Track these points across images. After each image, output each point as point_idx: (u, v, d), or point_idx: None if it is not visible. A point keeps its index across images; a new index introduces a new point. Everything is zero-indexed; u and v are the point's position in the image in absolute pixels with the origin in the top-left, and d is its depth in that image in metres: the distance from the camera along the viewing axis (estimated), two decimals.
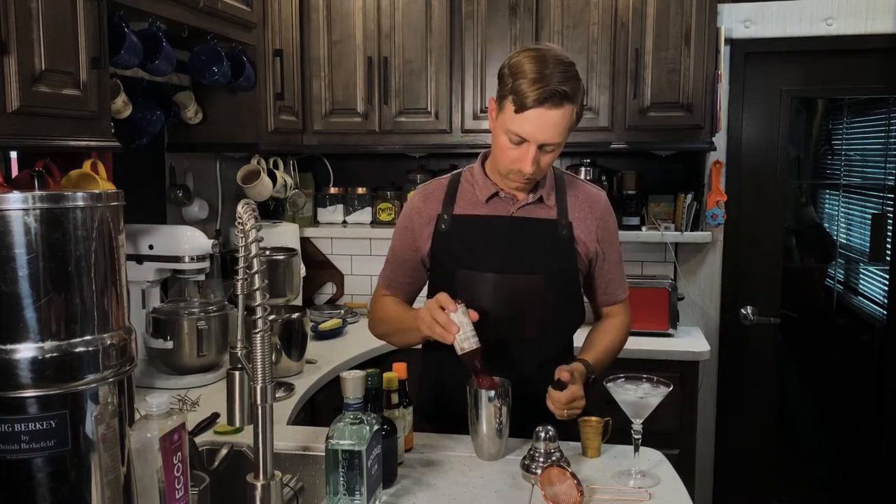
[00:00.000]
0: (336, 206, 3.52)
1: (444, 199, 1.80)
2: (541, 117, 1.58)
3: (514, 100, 1.59)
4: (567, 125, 1.62)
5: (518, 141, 1.62)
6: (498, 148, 1.68)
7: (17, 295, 0.97)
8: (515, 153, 1.64)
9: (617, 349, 1.87)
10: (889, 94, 3.13)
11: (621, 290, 1.88)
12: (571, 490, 1.38)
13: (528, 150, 1.62)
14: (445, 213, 1.78)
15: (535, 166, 1.64)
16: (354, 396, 1.33)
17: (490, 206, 1.77)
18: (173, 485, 1.16)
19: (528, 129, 1.59)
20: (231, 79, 2.57)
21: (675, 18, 2.89)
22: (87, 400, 1.02)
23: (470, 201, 1.79)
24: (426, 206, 1.81)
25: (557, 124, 1.59)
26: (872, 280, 3.26)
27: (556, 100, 1.56)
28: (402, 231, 1.85)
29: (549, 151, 1.64)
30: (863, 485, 3.30)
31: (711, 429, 3.30)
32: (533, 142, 1.61)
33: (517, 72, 1.59)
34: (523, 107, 1.57)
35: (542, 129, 1.59)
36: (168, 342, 2.22)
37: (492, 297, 1.72)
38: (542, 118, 1.58)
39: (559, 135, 1.61)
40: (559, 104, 1.57)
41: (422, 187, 1.87)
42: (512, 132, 1.62)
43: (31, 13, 1.60)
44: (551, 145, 1.63)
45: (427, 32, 3.07)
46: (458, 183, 1.82)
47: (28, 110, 1.61)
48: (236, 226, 1.24)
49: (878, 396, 3.21)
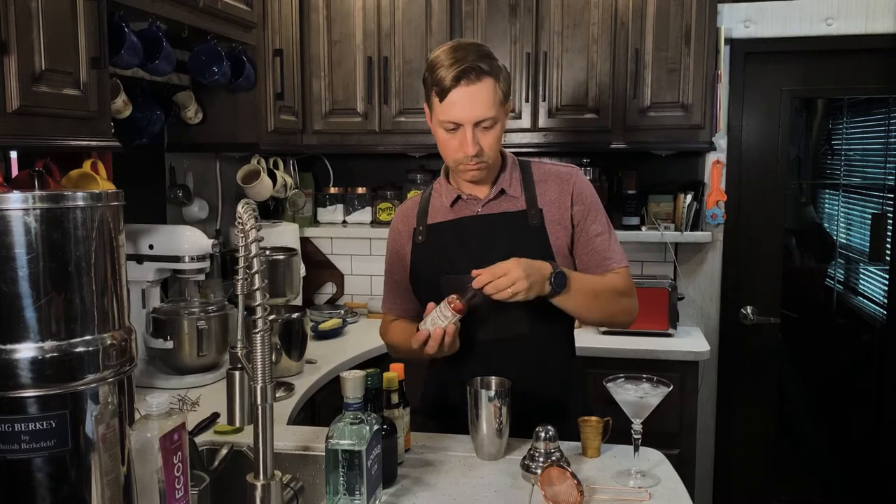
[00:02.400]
0: (336, 206, 3.52)
1: (418, 214, 1.85)
2: (464, 96, 1.62)
3: (436, 91, 1.65)
4: (493, 99, 1.64)
5: (453, 128, 1.66)
6: (441, 146, 1.73)
7: (17, 295, 0.97)
8: (455, 141, 1.68)
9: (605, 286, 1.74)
10: (889, 94, 3.13)
11: (612, 261, 1.78)
12: (571, 490, 1.38)
13: (464, 132, 1.65)
14: (420, 224, 1.83)
15: (478, 146, 1.66)
16: (354, 396, 1.33)
17: (456, 210, 1.80)
18: (173, 485, 1.16)
19: (456, 111, 1.64)
20: (231, 79, 2.57)
21: (675, 18, 2.89)
22: (87, 400, 1.02)
23: (439, 210, 1.83)
24: (404, 225, 1.86)
25: (482, 98, 1.63)
26: (872, 280, 3.27)
27: (473, 76, 1.62)
28: (390, 255, 1.89)
29: (486, 128, 1.66)
30: (863, 485, 3.30)
31: (711, 429, 3.30)
32: (466, 122, 1.64)
33: (433, 65, 1.66)
34: (444, 91, 1.63)
35: (469, 107, 1.63)
36: (168, 342, 2.22)
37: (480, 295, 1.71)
38: (465, 96, 1.62)
39: (487, 108, 1.64)
40: (477, 79, 1.62)
41: (399, 208, 1.93)
42: (444, 121, 1.66)
43: (31, 13, 1.60)
44: (486, 121, 1.65)
45: (427, 32, 3.07)
46: (429, 196, 1.87)
47: (28, 110, 1.61)
48: (236, 226, 1.24)
49: (878, 396, 3.21)
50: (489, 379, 1.65)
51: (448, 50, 1.66)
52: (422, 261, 1.82)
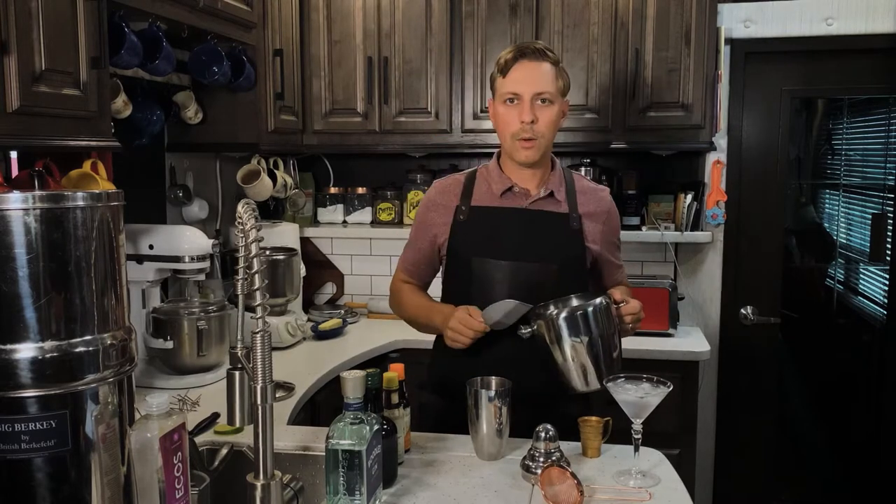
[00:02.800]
0: (336, 206, 3.52)
1: (462, 193, 1.90)
2: (525, 69, 1.77)
3: (500, 71, 1.81)
4: (552, 79, 1.79)
5: (512, 99, 1.79)
6: (500, 123, 1.83)
7: (17, 295, 0.97)
8: (513, 112, 1.79)
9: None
10: (889, 94, 3.13)
11: (622, 275, 2.04)
12: (571, 490, 1.38)
13: (523, 103, 1.77)
14: (463, 204, 1.88)
15: (534, 117, 1.77)
16: (354, 396, 1.33)
17: (505, 200, 1.88)
18: (173, 485, 1.16)
19: (516, 84, 1.77)
20: (231, 79, 2.57)
21: (675, 18, 2.89)
22: (87, 400, 1.02)
23: (486, 195, 1.89)
24: (442, 199, 1.92)
25: (541, 74, 1.77)
26: (872, 280, 3.27)
27: (535, 55, 1.77)
28: (419, 224, 1.96)
29: (543, 104, 1.78)
30: (862, 485, 3.30)
31: (711, 429, 3.30)
32: (525, 94, 1.77)
33: (499, 57, 1.83)
34: (507, 68, 1.79)
35: (529, 80, 1.77)
36: (168, 342, 2.22)
37: (507, 284, 1.80)
38: (525, 70, 1.77)
39: (548, 84, 1.78)
40: (539, 59, 1.78)
41: (438, 182, 1.99)
42: (504, 94, 1.79)
43: (31, 13, 1.60)
44: (544, 94, 1.77)
45: (427, 32, 3.07)
46: (474, 178, 1.93)
47: (28, 110, 1.61)
48: (236, 226, 1.24)
49: (878, 396, 3.21)
50: (489, 379, 1.65)
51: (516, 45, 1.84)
52: (459, 238, 1.87)
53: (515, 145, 1.81)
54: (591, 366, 1.67)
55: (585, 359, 1.66)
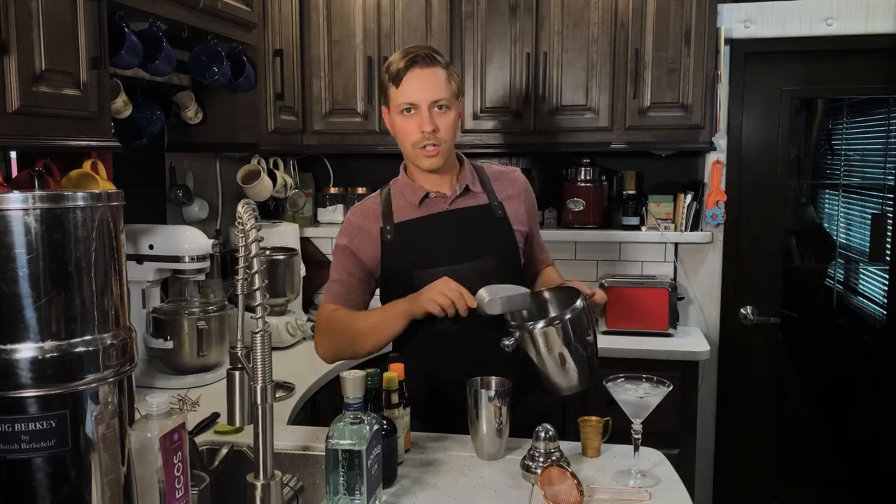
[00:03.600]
0: (336, 206, 3.52)
1: (382, 213, 1.86)
2: (417, 78, 1.74)
3: (390, 79, 1.77)
4: (446, 85, 1.76)
5: (408, 109, 1.75)
6: (399, 133, 1.80)
7: (17, 295, 0.97)
8: (412, 123, 1.76)
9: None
10: (889, 94, 3.13)
11: (546, 255, 2.06)
12: (571, 490, 1.38)
13: (421, 112, 1.74)
14: (387, 224, 1.84)
15: (433, 125, 1.74)
16: (354, 396, 1.33)
17: (425, 208, 1.85)
18: (173, 485, 1.16)
19: (411, 94, 1.74)
20: (231, 79, 2.57)
21: (675, 18, 2.90)
22: (87, 400, 1.02)
23: (405, 208, 1.86)
24: (365, 223, 1.86)
25: (434, 81, 1.74)
26: (872, 280, 3.27)
27: (424, 62, 1.74)
28: (345, 253, 1.87)
29: (442, 111, 1.76)
30: (862, 485, 3.30)
31: (711, 429, 3.30)
32: (421, 102, 1.74)
33: (387, 66, 1.79)
34: (399, 76, 1.74)
35: (423, 88, 1.74)
36: (168, 342, 2.22)
37: None
38: (418, 79, 1.73)
39: (441, 90, 1.75)
40: (428, 65, 1.74)
41: (355, 208, 1.93)
42: (400, 105, 1.76)
43: (31, 13, 1.60)
44: (440, 101, 1.75)
45: (427, 32, 3.07)
46: (389, 196, 1.90)
47: (28, 110, 1.61)
48: (236, 226, 1.24)
49: (877, 396, 3.21)
50: (489, 379, 1.65)
51: (399, 51, 1.80)
52: (392, 257, 1.83)
53: (418, 153, 1.78)
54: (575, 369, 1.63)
55: (571, 363, 1.63)
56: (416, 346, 1.88)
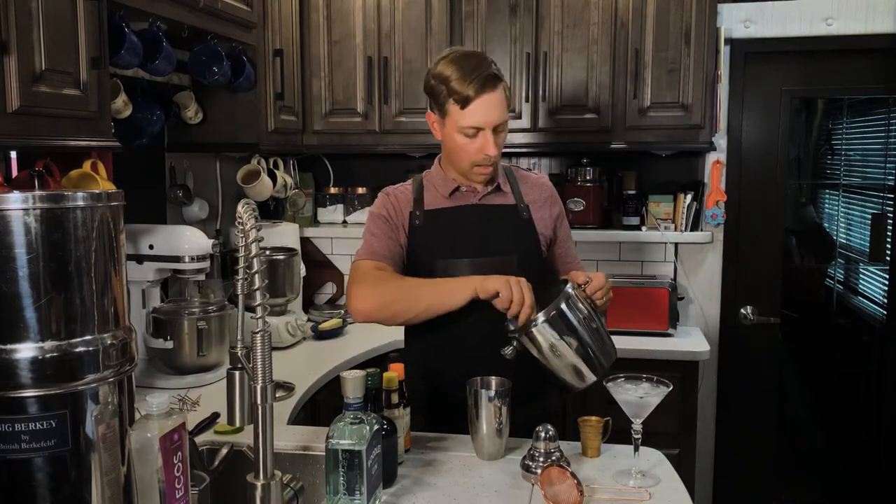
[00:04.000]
0: (336, 206, 3.52)
1: (414, 199, 1.89)
2: (486, 103, 1.73)
3: (455, 100, 1.73)
4: (506, 104, 1.78)
5: (473, 133, 1.75)
6: (456, 149, 1.80)
7: (17, 295, 0.97)
8: (475, 145, 1.77)
9: None
10: (889, 94, 3.13)
11: (578, 261, 2.03)
12: (571, 490, 1.38)
13: (485, 135, 1.76)
14: (416, 209, 1.87)
15: (496, 148, 1.78)
16: (354, 396, 1.33)
17: (454, 199, 1.88)
18: (173, 485, 1.16)
19: (479, 117, 1.74)
20: (231, 79, 2.57)
21: (675, 18, 2.89)
22: (87, 400, 1.02)
23: (435, 198, 1.88)
24: (398, 202, 1.88)
25: (500, 103, 1.75)
26: (872, 280, 3.27)
27: (492, 83, 1.73)
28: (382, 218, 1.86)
29: (500, 131, 1.79)
30: (862, 485, 3.30)
31: (711, 429, 3.30)
32: (487, 127, 1.75)
33: (445, 77, 1.74)
34: (468, 100, 1.72)
35: (491, 112, 1.74)
36: (168, 342, 2.22)
37: None
38: (487, 103, 1.73)
39: (504, 113, 1.77)
40: (495, 86, 1.74)
41: (389, 188, 1.93)
42: (466, 127, 1.75)
43: (31, 13, 1.60)
44: (500, 124, 1.77)
45: (427, 32, 3.07)
46: (421, 185, 1.92)
47: (28, 110, 1.61)
48: (236, 226, 1.24)
49: (877, 396, 3.21)
50: (489, 379, 1.65)
51: (456, 60, 1.75)
52: (418, 243, 1.85)
53: (474, 171, 1.81)
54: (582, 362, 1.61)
55: (575, 357, 1.61)
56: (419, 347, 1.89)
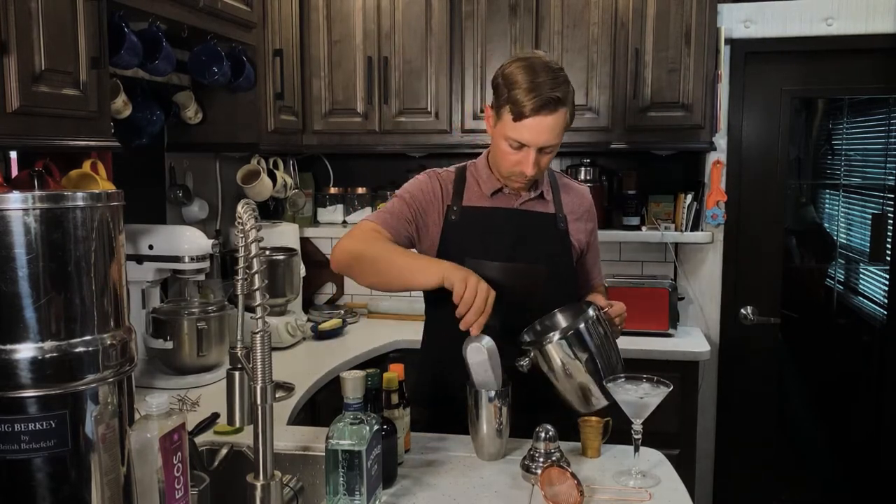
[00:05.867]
0: (336, 206, 3.52)
1: (454, 190, 1.86)
2: (538, 124, 1.67)
3: (511, 109, 1.68)
4: (562, 128, 1.72)
5: (518, 146, 1.71)
6: (499, 152, 1.77)
7: (17, 295, 0.97)
8: (516, 157, 1.73)
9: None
10: (889, 94, 3.13)
11: (600, 278, 2.04)
12: (571, 490, 1.38)
13: (528, 154, 1.71)
14: (455, 204, 1.84)
15: (536, 168, 1.73)
16: (354, 396, 1.33)
17: (494, 200, 1.85)
18: (173, 485, 1.16)
19: (526, 136, 1.69)
20: (231, 79, 2.57)
21: (675, 18, 2.89)
22: (87, 400, 1.02)
23: (476, 195, 1.86)
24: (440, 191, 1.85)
25: (553, 128, 1.69)
26: (872, 280, 3.26)
27: (551, 106, 1.66)
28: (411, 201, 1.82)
29: (547, 153, 1.74)
30: (862, 485, 3.30)
31: (711, 429, 3.30)
32: (532, 146, 1.70)
33: (511, 82, 1.68)
34: (521, 115, 1.67)
35: (540, 135, 1.68)
36: (168, 342, 2.22)
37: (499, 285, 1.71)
38: (539, 125, 1.67)
39: (556, 137, 1.71)
40: (554, 110, 1.67)
41: (433, 172, 1.89)
42: (511, 139, 1.70)
43: (31, 13, 1.60)
44: (549, 147, 1.72)
45: (427, 32, 3.07)
46: (464, 176, 1.89)
47: (28, 110, 1.61)
48: (236, 226, 1.24)
49: (878, 396, 3.21)
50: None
51: (526, 70, 1.67)
52: (451, 240, 1.83)
53: (512, 180, 1.79)
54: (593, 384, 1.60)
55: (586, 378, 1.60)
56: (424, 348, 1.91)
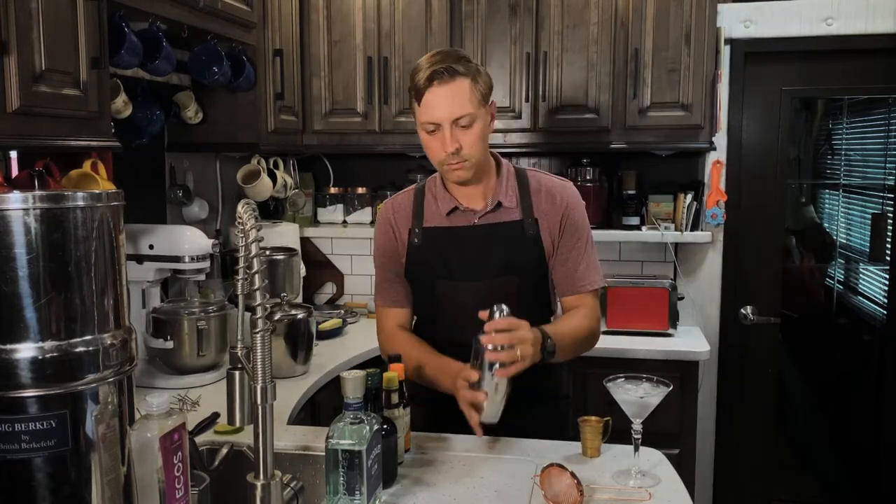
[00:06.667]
0: (336, 205, 3.52)
1: (413, 213, 1.84)
2: (435, 96, 1.66)
3: (414, 95, 1.70)
4: (469, 97, 1.67)
5: (432, 129, 1.69)
6: (426, 149, 1.76)
7: (17, 295, 0.97)
8: (436, 142, 1.70)
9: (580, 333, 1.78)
10: (889, 94, 3.13)
11: (586, 284, 1.82)
12: (571, 490, 1.38)
13: (443, 131, 1.68)
14: (416, 226, 1.83)
15: (457, 144, 1.68)
16: (354, 396, 1.33)
17: (453, 219, 1.82)
18: (173, 485, 1.16)
19: (432, 111, 1.67)
20: (231, 79, 2.57)
21: (675, 18, 2.89)
22: (87, 400, 1.02)
23: (434, 215, 1.83)
24: (399, 218, 1.86)
25: (454, 96, 1.65)
26: (872, 280, 3.27)
27: (444, 76, 1.65)
28: (383, 247, 1.87)
29: (465, 126, 1.68)
30: (862, 485, 3.30)
31: (711, 429, 3.30)
32: (443, 121, 1.67)
33: (413, 73, 1.70)
34: (420, 93, 1.67)
35: (444, 106, 1.66)
36: (168, 342, 2.22)
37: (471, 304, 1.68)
38: (438, 96, 1.66)
39: (462, 106, 1.66)
40: (450, 78, 1.65)
41: (391, 200, 1.91)
42: (424, 123, 1.70)
43: (31, 13, 1.60)
44: (462, 118, 1.67)
45: (427, 32, 3.07)
46: (423, 196, 1.86)
47: (28, 110, 1.61)
48: (236, 226, 1.24)
49: (878, 396, 3.21)
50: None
51: (426, 57, 1.71)
52: (416, 262, 1.83)
53: (445, 169, 1.74)
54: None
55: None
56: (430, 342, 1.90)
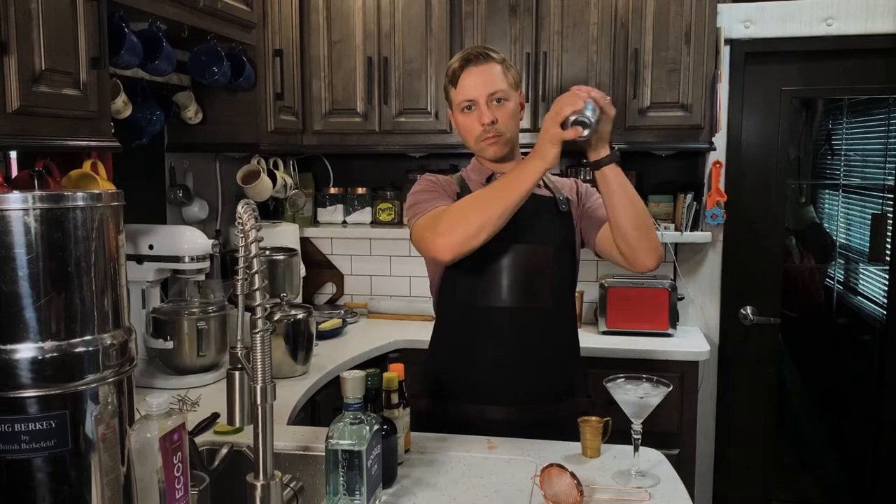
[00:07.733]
0: (336, 206, 3.52)
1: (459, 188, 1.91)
2: (472, 75, 1.80)
3: (449, 81, 1.84)
4: (502, 77, 1.81)
5: (469, 105, 1.81)
6: (463, 130, 1.86)
7: (17, 295, 0.97)
8: (473, 118, 1.81)
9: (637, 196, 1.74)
10: (889, 94, 3.13)
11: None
12: (571, 490, 1.38)
13: (479, 107, 1.79)
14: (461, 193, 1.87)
15: (492, 117, 1.79)
16: (354, 396, 1.33)
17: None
18: (173, 485, 1.16)
19: (468, 91, 1.80)
20: (231, 79, 2.58)
21: (675, 18, 2.89)
22: (87, 400, 1.02)
23: (476, 185, 1.90)
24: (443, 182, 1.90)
25: (489, 75, 1.79)
26: (872, 280, 3.27)
27: (479, 59, 1.80)
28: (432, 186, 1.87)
29: (500, 102, 1.80)
30: (862, 485, 3.30)
31: (711, 429, 3.30)
32: (479, 98, 1.79)
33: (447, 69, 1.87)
34: (456, 76, 1.82)
35: (479, 84, 1.79)
36: (168, 342, 2.22)
37: (510, 269, 1.81)
38: (473, 76, 1.80)
39: (497, 83, 1.79)
40: (483, 62, 1.80)
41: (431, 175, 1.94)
42: (460, 103, 1.82)
43: (31, 13, 1.60)
44: (498, 93, 1.79)
45: (427, 32, 3.07)
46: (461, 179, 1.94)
47: (28, 110, 1.61)
48: (236, 226, 1.24)
49: (877, 396, 3.21)
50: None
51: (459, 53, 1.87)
52: None
53: (482, 146, 1.83)
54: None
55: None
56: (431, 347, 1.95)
